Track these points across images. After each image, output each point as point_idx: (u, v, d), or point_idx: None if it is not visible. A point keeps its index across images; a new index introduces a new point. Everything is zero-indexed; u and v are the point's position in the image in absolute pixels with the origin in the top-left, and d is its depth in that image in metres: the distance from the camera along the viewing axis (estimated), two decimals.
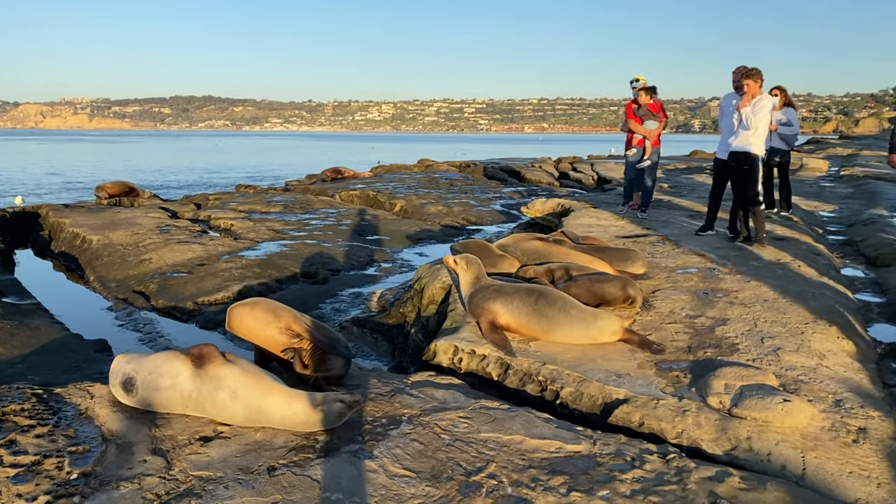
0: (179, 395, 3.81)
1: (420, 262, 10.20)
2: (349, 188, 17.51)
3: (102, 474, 3.27)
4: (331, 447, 3.57)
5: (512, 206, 15.97)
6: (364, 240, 11.69)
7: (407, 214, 14.67)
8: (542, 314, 4.97)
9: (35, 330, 6.72)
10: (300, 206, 14.63)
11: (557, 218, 11.03)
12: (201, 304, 7.90)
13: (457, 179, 20.30)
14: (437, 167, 24.70)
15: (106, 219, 12.30)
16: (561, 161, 28.14)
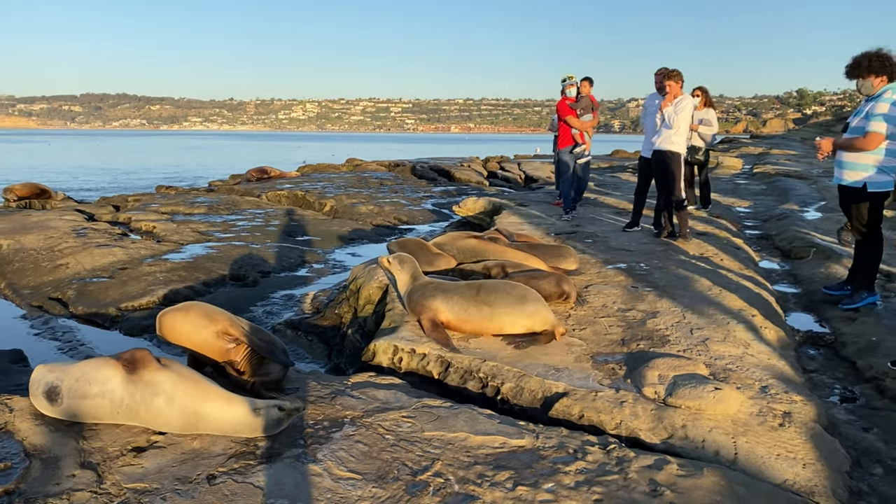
0: (109, 403, 3.63)
1: (353, 263, 10.10)
2: (276, 188, 17.15)
3: (27, 491, 3.08)
4: (272, 452, 3.48)
5: (443, 205, 16.03)
6: (294, 241, 11.47)
7: (337, 214, 14.49)
8: (483, 302, 4.99)
9: None
10: (225, 206, 14.22)
11: (489, 216, 11.14)
12: (125, 309, 7.57)
13: (387, 179, 20.21)
14: (366, 166, 24.52)
15: (16, 222, 11.60)
16: (489, 160, 28.46)
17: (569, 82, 10.29)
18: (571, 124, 10.20)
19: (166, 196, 15.93)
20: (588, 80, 10.48)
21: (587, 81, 10.47)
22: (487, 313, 4.99)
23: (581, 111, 10.22)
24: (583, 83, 10.44)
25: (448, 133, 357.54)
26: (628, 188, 14.51)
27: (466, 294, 5.10)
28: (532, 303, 5.03)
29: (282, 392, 4.17)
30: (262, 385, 4.06)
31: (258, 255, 9.90)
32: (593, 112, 10.39)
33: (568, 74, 10.32)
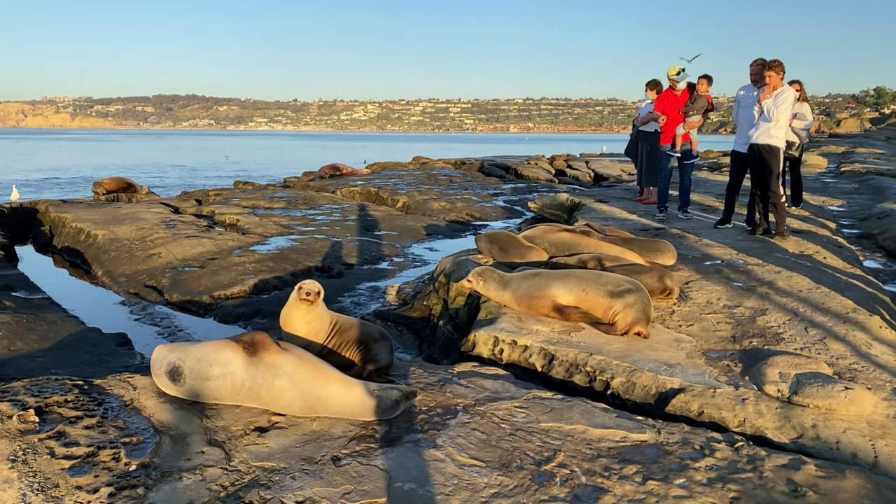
0: (231, 385, 3.69)
1: (431, 257, 10.12)
2: (349, 184, 17.37)
3: (162, 465, 3.16)
4: (391, 437, 3.48)
5: (514, 201, 15.91)
6: (372, 235, 11.57)
7: (410, 210, 14.56)
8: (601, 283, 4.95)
9: (52, 324, 6.55)
10: (303, 201, 14.47)
11: (567, 213, 10.97)
12: (218, 297, 7.76)
13: (455, 176, 20.22)
14: (433, 164, 24.59)
15: (108, 214, 12.08)
16: (555, 159, 28.15)
17: (681, 77, 9.54)
18: (658, 123, 9.72)
19: (245, 191, 16.34)
20: (706, 79, 9.52)
21: (705, 80, 9.49)
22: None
23: (693, 112, 9.47)
24: (700, 81, 9.54)
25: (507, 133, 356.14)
26: (710, 185, 14.09)
27: (585, 274, 5.04)
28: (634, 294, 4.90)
29: (388, 378, 4.17)
30: (375, 371, 4.06)
31: (340, 248, 10.02)
32: (705, 113, 9.59)
33: (679, 67, 9.55)
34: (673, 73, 9.58)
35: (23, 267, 10.05)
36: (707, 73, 9.61)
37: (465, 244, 10.80)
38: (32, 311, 6.97)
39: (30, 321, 6.49)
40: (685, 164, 9.76)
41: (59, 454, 3.21)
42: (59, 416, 3.60)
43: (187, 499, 2.91)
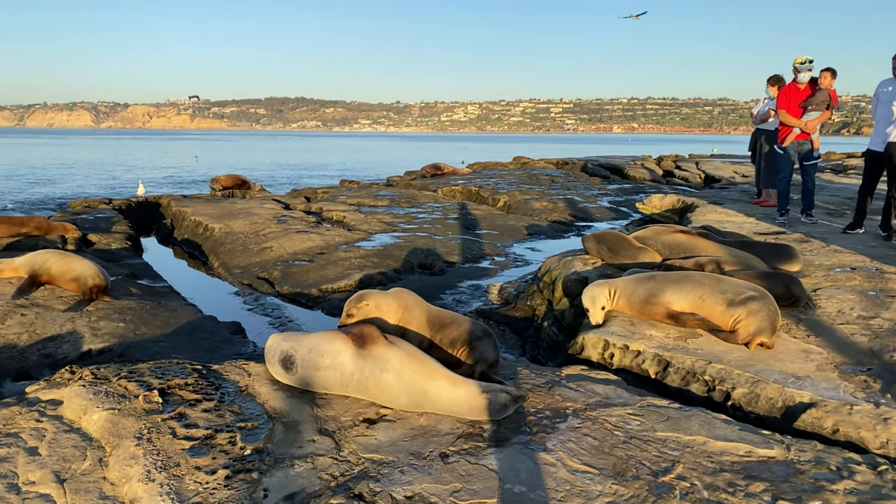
0: (340, 376, 3.73)
1: (533, 257, 9.97)
2: (450, 184, 17.46)
3: (275, 452, 3.22)
4: (499, 437, 3.39)
5: (620, 202, 15.45)
6: (473, 233, 11.55)
7: (511, 209, 14.44)
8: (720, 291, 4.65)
9: (172, 311, 6.91)
10: (406, 200, 14.66)
11: (677, 214, 10.52)
12: (325, 291, 7.95)
13: (557, 176, 19.90)
14: (534, 164, 24.34)
15: (224, 209, 12.70)
16: (662, 159, 27.16)
17: (805, 67, 8.86)
18: (785, 121, 9.05)
19: (351, 189, 16.76)
20: (830, 72, 8.85)
21: (829, 73, 8.86)
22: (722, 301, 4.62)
23: (813, 107, 8.86)
24: (823, 74, 8.87)
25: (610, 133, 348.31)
26: (834, 189, 13.13)
27: (703, 278, 4.77)
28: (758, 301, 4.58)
29: (498, 378, 4.09)
30: (489, 369, 3.99)
31: (442, 246, 10.05)
32: (827, 109, 8.90)
33: (806, 57, 8.87)
34: (798, 61, 8.92)
35: (147, 257, 10.72)
36: (830, 66, 8.92)
37: (569, 245, 10.57)
38: (155, 298, 7.38)
39: (153, 307, 6.88)
40: (806, 165, 9.11)
41: (180, 435, 3.34)
42: (180, 398, 3.76)
43: (299, 486, 2.95)
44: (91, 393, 3.75)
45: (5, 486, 2.95)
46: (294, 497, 2.86)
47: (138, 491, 2.90)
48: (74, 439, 3.37)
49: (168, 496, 2.84)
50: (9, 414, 3.64)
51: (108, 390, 3.79)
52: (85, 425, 3.50)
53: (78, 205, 13.97)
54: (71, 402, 3.70)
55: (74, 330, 6.07)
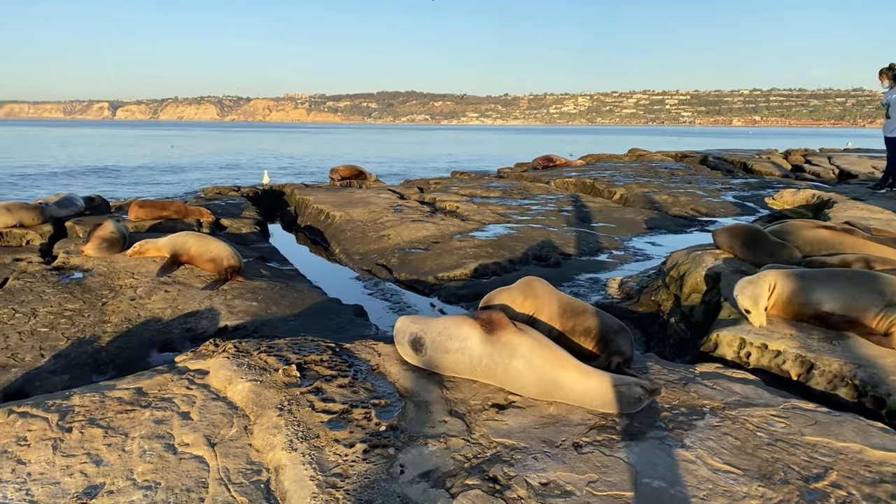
0: (469, 360, 3.75)
1: (654, 252, 9.64)
2: (563, 175, 17.20)
3: (408, 430, 3.28)
4: (633, 431, 3.30)
5: (745, 197, 14.65)
6: (589, 226, 11.32)
7: (628, 203, 14.03)
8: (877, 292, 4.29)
9: (299, 293, 7.21)
10: (518, 191, 14.59)
11: (812, 211, 9.84)
12: (441, 279, 8.05)
13: (677, 169, 19.15)
14: (651, 157, 23.54)
15: (343, 198, 13.13)
16: (790, 153, 25.52)
17: None
18: None
19: (462, 180, 16.88)
20: None
21: None
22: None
23: None
24: None
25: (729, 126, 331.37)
26: None
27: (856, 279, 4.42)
28: None
29: (631, 372, 3.97)
30: (624, 363, 3.89)
31: (557, 238, 9.92)
32: None
33: None
34: None
35: (273, 241, 11.26)
36: None
37: (692, 240, 10.14)
38: (283, 280, 7.74)
39: (282, 288, 7.21)
40: None
41: (318, 408, 3.47)
42: (316, 373, 3.91)
43: (433, 465, 2.98)
44: (235, 365, 3.97)
45: (163, 447, 3.18)
46: (430, 475, 2.90)
47: (282, 459, 3.03)
48: (221, 407, 3.58)
49: (310, 465, 2.96)
50: (162, 380, 3.92)
51: (250, 363, 4.00)
52: (230, 394, 3.71)
53: (210, 191, 14.90)
54: (217, 373, 3.93)
55: (212, 307, 6.46)
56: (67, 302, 6.43)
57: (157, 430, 3.31)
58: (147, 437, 3.25)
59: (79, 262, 7.68)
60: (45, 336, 5.76)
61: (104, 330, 5.92)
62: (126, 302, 6.48)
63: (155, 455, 3.10)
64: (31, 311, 6.19)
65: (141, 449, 3.14)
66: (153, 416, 3.46)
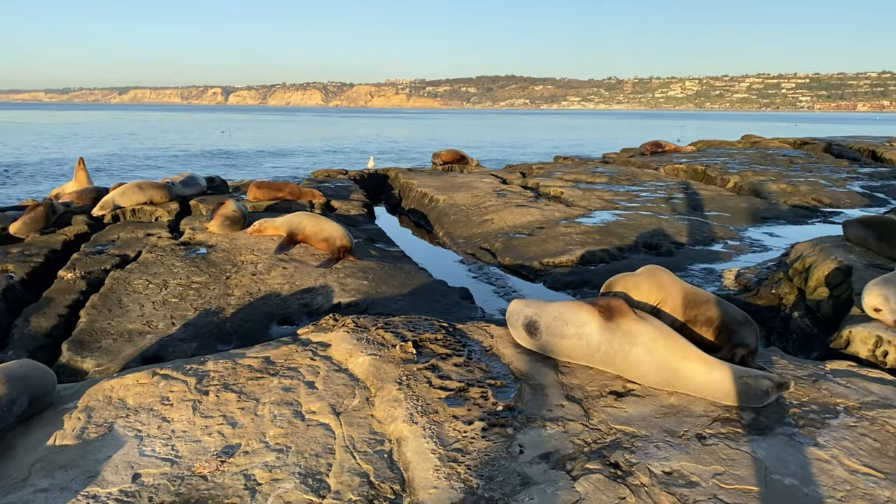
0: (586, 346, 3.72)
1: (772, 243, 9.16)
2: (673, 162, 16.60)
3: (525, 411, 3.30)
4: (760, 426, 3.17)
5: (875, 188, 13.62)
6: (701, 215, 10.89)
7: (742, 191, 13.37)
8: None
9: (407, 273, 7.36)
10: (625, 177, 14.22)
11: None
12: (547, 264, 7.99)
13: (796, 157, 18.04)
14: (767, 143, 22.27)
15: (446, 182, 13.25)
16: None
17: None
18: None
19: (566, 165, 16.64)
20: None
21: None
22: None
23: None
24: None
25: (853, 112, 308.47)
26: None
27: None
28: None
29: (758, 365, 3.82)
30: (748, 356, 3.74)
31: (667, 226, 9.61)
32: None
33: None
34: None
35: (379, 223, 11.55)
36: None
37: (815, 231, 9.57)
38: (391, 260, 7.92)
39: (390, 269, 7.38)
40: None
41: (436, 384, 3.55)
42: (432, 351, 3.99)
43: (552, 447, 2.99)
44: (354, 339, 4.12)
45: (292, 413, 3.35)
46: (549, 456, 2.91)
47: (404, 431, 3.13)
48: (343, 378, 3.72)
49: (431, 439, 3.04)
50: (288, 351, 4.12)
51: (369, 338, 4.14)
52: (351, 367, 3.86)
53: (320, 174, 15.43)
54: (338, 346, 4.10)
55: (326, 284, 6.72)
56: (194, 275, 6.86)
57: (285, 397, 3.49)
58: (276, 403, 3.43)
59: (203, 238, 8.17)
60: (175, 306, 6.18)
61: (228, 302, 6.29)
62: (247, 277, 6.84)
63: (285, 420, 3.27)
64: (163, 282, 6.65)
65: (272, 414, 3.33)
66: (281, 383, 3.65)
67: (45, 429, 3.28)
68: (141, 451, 3.02)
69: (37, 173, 27.01)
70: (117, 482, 2.80)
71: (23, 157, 33.13)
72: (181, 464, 2.93)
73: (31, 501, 2.69)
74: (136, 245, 8.00)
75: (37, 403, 3.42)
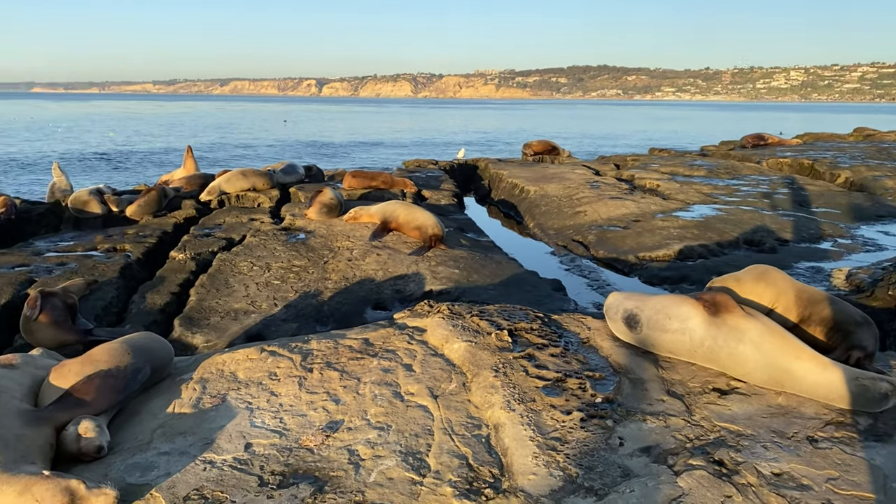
0: (689, 341, 3.62)
1: (887, 242, 8.61)
2: (776, 155, 15.81)
3: (625, 404, 3.25)
4: (878, 431, 3.00)
5: None
6: (807, 211, 10.33)
7: (854, 187, 12.58)
8: None
9: (497, 263, 7.38)
10: (725, 171, 13.67)
11: None
12: (642, 259, 7.81)
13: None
14: (883, 137, 20.83)
15: (537, 173, 13.16)
16: None
17: None
18: None
19: (662, 157, 16.16)
20: None
21: None
22: None
23: None
24: None
25: None
26: None
27: None
28: None
29: (877, 368, 3.61)
30: (864, 358, 3.55)
31: (770, 222, 9.18)
32: None
33: None
34: None
35: (468, 213, 11.61)
36: None
37: None
38: (481, 250, 7.96)
39: (481, 258, 7.42)
40: None
41: (532, 374, 3.55)
42: (527, 341, 3.99)
43: (653, 441, 2.94)
44: (450, 325, 4.17)
45: (391, 393, 3.44)
46: (650, 450, 2.87)
47: (501, 417, 3.15)
48: (440, 363, 3.79)
49: (529, 427, 3.05)
50: (386, 334, 4.23)
51: (464, 325, 4.18)
52: (447, 352, 3.92)
53: (411, 164, 15.67)
54: (434, 331, 4.16)
55: (418, 271, 6.83)
56: (294, 259, 7.14)
57: (384, 378, 3.59)
58: (376, 383, 3.54)
59: (302, 224, 8.48)
60: (277, 288, 6.45)
61: (325, 286, 6.50)
62: (344, 262, 7.05)
63: (385, 400, 3.36)
64: (266, 265, 6.96)
65: (372, 393, 3.43)
66: (380, 364, 3.75)
67: (164, 397, 3.51)
68: (252, 422, 3.19)
69: (145, 160, 28.80)
70: (231, 450, 2.96)
71: (133, 145, 35.36)
72: (289, 436, 3.07)
73: (155, 463, 2.89)
74: (240, 229, 8.40)
75: (157, 373, 3.67)
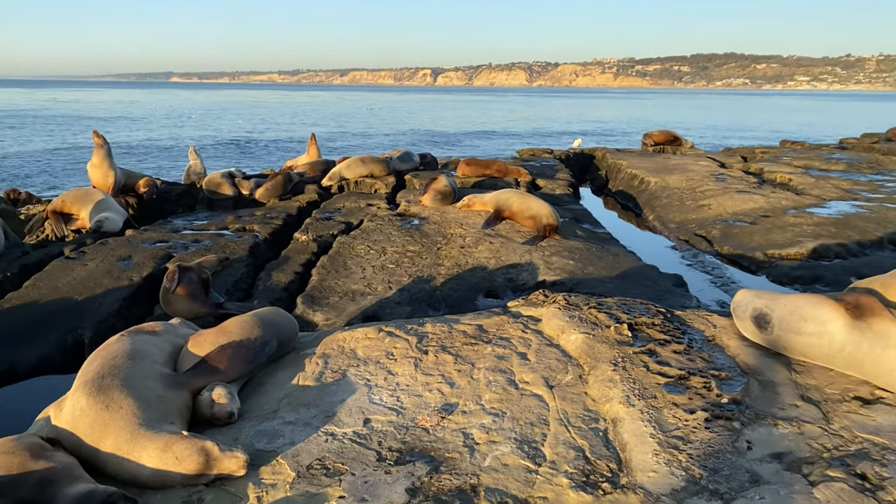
0: (827, 346, 3.36)
1: None
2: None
3: (753, 407, 3.07)
4: None
5: None
6: None
7: None
8: None
9: (615, 256, 7.17)
10: (867, 165, 12.61)
11: None
12: (772, 256, 7.36)
13: None
14: None
15: (658, 164, 12.68)
16: None
17: None
18: None
19: (795, 150, 15.13)
20: None
21: None
22: None
23: None
24: None
25: None
26: None
27: None
28: None
29: None
30: None
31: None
32: None
33: None
34: None
35: (584, 204, 11.37)
36: None
37: None
38: (598, 242, 7.77)
39: (597, 250, 7.24)
40: None
41: (653, 370, 3.43)
42: (648, 336, 3.85)
43: (785, 448, 2.76)
44: (566, 316, 4.10)
45: (506, 380, 3.43)
46: (782, 457, 2.69)
47: (620, 412, 3.06)
48: (556, 353, 3.73)
49: (649, 423, 2.94)
50: (500, 321, 4.22)
51: (581, 316, 4.10)
52: (563, 343, 3.85)
53: (525, 153, 15.55)
54: (549, 321, 4.11)
55: (531, 261, 6.76)
56: (409, 244, 7.26)
57: (498, 365, 3.58)
58: (491, 369, 3.53)
59: (416, 211, 8.62)
60: (391, 272, 6.59)
61: (438, 272, 6.57)
62: (456, 249, 7.10)
63: (499, 387, 3.36)
64: (382, 249, 7.13)
65: (486, 379, 3.43)
66: (494, 351, 3.75)
67: (289, 369, 3.68)
68: (370, 398, 3.28)
69: (270, 146, 30.32)
70: (351, 424, 3.06)
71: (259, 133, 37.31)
72: (405, 415, 3.13)
73: (281, 431, 3.03)
74: (358, 214, 8.66)
75: (283, 347, 3.85)
